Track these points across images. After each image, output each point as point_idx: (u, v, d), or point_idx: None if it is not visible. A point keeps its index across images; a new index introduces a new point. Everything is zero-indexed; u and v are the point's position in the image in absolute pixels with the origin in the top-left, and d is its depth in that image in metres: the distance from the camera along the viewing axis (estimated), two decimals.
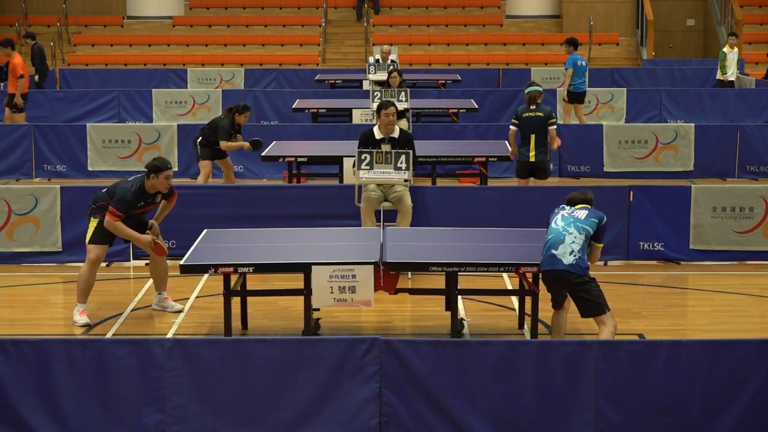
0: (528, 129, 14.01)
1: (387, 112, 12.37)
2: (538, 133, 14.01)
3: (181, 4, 32.00)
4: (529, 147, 14.01)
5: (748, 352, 7.69)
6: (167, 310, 10.88)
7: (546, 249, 9.07)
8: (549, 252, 9.02)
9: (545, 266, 9.04)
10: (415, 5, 32.19)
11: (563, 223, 9.11)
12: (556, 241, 9.03)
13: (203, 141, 14.82)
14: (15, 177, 17.82)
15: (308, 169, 15.94)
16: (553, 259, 8.98)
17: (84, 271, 10.47)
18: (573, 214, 9.16)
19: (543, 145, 14.04)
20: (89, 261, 10.43)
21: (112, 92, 22.48)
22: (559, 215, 9.23)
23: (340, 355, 7.72)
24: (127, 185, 10.35)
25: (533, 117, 14.06)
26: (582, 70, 19.71)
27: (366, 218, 12.11)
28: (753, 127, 18.19)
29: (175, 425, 7.73)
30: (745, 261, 12.97)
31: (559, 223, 9.13)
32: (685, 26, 32.09)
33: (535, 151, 13.98)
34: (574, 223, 9.07)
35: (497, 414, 7.71)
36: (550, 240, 9.08)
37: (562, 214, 9.22)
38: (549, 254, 9.01)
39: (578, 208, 9.23)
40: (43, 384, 7.71)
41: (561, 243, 9.00)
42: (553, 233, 9.09)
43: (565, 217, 9.14)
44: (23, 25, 30.42)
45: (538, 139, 14.00)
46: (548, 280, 9.10)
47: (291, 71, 26.43)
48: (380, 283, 9.28)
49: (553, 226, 9.16)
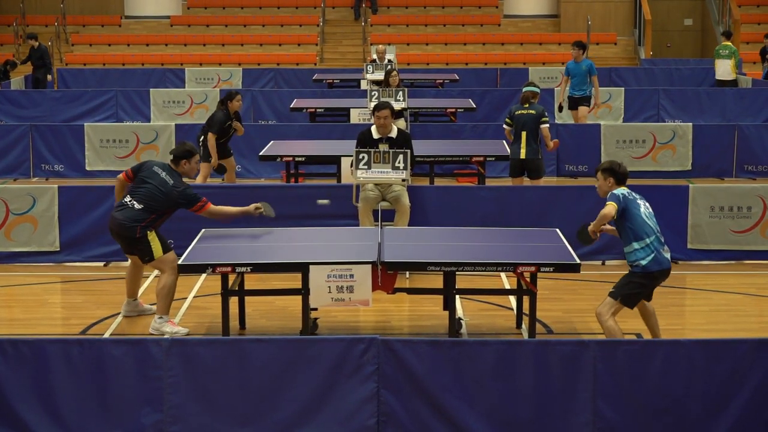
0: (519, 126, 14.08)
1: (379, 115, 12.37)
2: (529, 131, 14.06)
3: (178, 4, 31.99)
4: (520, 144, 14.07)
5: (746, 351, 7.69)
6: (146, 312, 10.64)
7: (654, 249, 8.92)
8: (660, 251, 8.95)
9: (659, 266, 8.95)
10: (412, 5, 32.19)
11: (652, 223, 9.01)
12: (660, 241, 8.98)
13: (204, 141, 14.81)
14: (13, 177, 17.82)
15: (306, 168, 15.93)
16: (663, 257, 8.97)
17: (172, 281, 10.08)
18: (648, 208, 9.08)
19: (534, 143, 14.08)
20: (173, 269, 10.01)
21: (110, 92, 22.47)
22: (641, 208, 9.03)
23: (338, 354, 7.72)
24: (177, 185, 10.10)
25: (525, 114, 14.11)
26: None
27: (364, 218, 12.11)
28: (751, 127, 18.20)
29: (173, 425, 7.72)
30: (742, 260, 12.97)
31: (650, 222, 8.99)
32: (682, 26, 32.10)
33: (526, 149, 14.02)
34: (653, 217, 9.06)
35: (495, 413, 7.71)
36: (654, 239, 8.94)
37: (644, 210, 9.04)
38: (659, 254, 8.95)
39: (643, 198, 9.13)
40: (41, 384, 7.71)
41: (662, 244, 8.99)
42: (653, 235, 8.96)
43: (649, 215, 9.03)
44: (21, 24, 30.42)
45: (529, 137, 14.06)
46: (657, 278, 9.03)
47: (289, 71, 26.43)
48: (378, 282, 9.27)
49: (649, 224, 8.97)
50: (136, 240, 10.10)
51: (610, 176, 9.15)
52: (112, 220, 10.24)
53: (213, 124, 14.73)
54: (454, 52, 29.67)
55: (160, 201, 10.11)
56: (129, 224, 10.06)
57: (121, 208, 10.16)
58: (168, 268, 10.10)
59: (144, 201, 10.10)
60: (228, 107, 14.82)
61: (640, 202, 9.06)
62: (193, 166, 10.34)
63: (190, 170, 10.34)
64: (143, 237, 10.08)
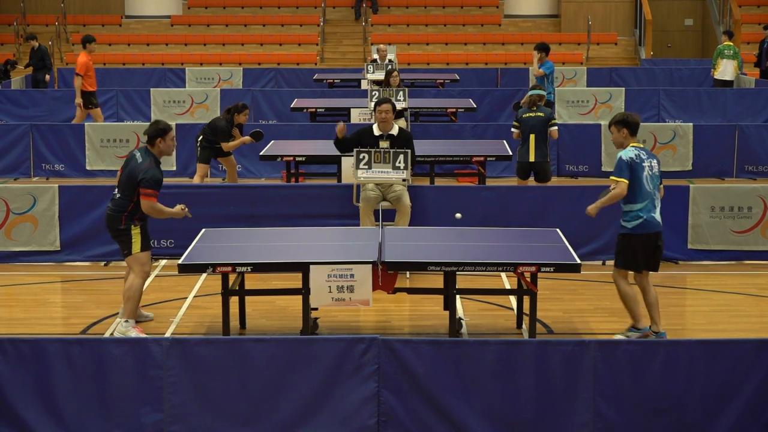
0: (528, 129, 14.06)
1: (381, 109, 12.40)
2: (538, 133, 14.05)
3: (179, 4, 32.00)
4: (528, 147, 14.05)
5: (746, 351, 7.69)
6: (142, 319, 10.45)
7: (646, 211, 9.55)
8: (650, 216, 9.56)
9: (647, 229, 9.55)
10: (413, 5, 32.19)
11: (652, 186, 9.57)
12: (653, 205, 9.58)
13: (204, 141, 14.80)
14: (13, 176, 17.82)
15: (306, 168, 15.94)
16: (653, 221, 9.58)
17: (138, 284, 9.90)
18: (653, 171, 9.60)
19: (544, 146, 14.06)
20: (143, 272, 9.92)
21: (111, 92, 22.47)
22: (645, 170, 9.57)
23: (338, 354, 7.72)
24: (144, 164, 9.83)
25: (533, 117, 14.11)
26: (552, 78, 18.80)
27: (364, 218, 12.11)
28: (751, 127, 18.20)
29: (173, 424, 7.72)
30: (743, 261, 12.97)
31: (649, 185, 9.57)
32: (683, 26, 32.10)
33: (535, 152, 14.01)
34: (656, 184, 9.67)
35: (495, 413, 7.71)
36: (647, 203, 9.56)
37: (648, 171, 9.59)
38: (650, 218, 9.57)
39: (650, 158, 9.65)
40: (41, 383, 7.71)
41: (655, 207, 9.59)
42: (648, 199, 9.56)
43: (653, 177, 9.59)
44: (21, 24, 30.42)
45: (538, 139, 14.04)
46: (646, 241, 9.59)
47: (289, 71, 26.43)
48: (378, 282, 9.27)
49: (646, 188, 9.56)
50: (119, 231, 9.91)
51: (623, 128, 9.68)
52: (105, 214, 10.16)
53: (220, 135, 14.67)
54: (454, 52, 29.67)
55: (131, 185, 9.85)
56: (114, 214, 9.90)
57: (111, 199, 10.05)
58: (138, 268, 9.90)
59: (121, 188, 9.93)
60: (233, 118, 14.78)
61: (645, 164, 9.58)
62: (169, 143, 10.01)
63: (166, 148, 10.01)
64: (127, 229, 9.88)
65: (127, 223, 9.89)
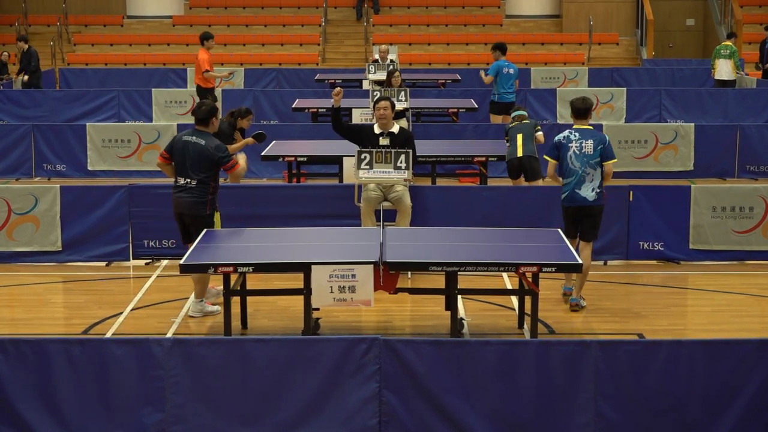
0: (515, 131, 14.43)
1: (379, 107, 12.40)
2: (525, 134, 14.36)
3: (180, 4, 32.01)
4: (516, 144, 14.28)
5: (748, 352, 7.69)
6: (211, 314, 10.68)
7: (570, 188, 10.63)
8: (573, 191, 10.63)
9: (570, 202, 10.65)
10: (414, 5, 32.20)
11: (579, 164, 10.58)
12: (579, 181, 10.60)
13: None
14: (15, 176, 17.83)
15: (308, 168, 15.94)
16: (576, 195, 10.62)
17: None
18: (583, 151, 10.56)
19: (531, 143, 14.31)
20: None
21: (112, 92, 22.48)
22: (571, 150, 10.63)
23: (339, 354, 7.72)
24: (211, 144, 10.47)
25: (519, 124, 14.55)
26: (509, 78, 18.80)
27: (366, 218, 12.11)
28: (753, 127, 18.20)
29: (174, 425, 7.73)
30: (744, 261, 12.97)
31: (575, 164, 10.60)
32: (684, 26, 32.09)
33: (523, 147, 14.25)
34: (588, 162, 10.55)
35: (497, 414, 7.71)
36: (574, 179, 10.61)
37: (576, 151, 10.61)
38: (573, 192, 10.63)
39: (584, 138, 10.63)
40: (42, 383, 7.71)
41: (583, 183, 10.58)
42: (575, 175, 10.60)
43: (579, 156, 10.57)
44: (23, 24, 30.43)
45: (525, 137, 14.34)
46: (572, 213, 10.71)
47: (291, 71, 26.44)
48: (380, 282, 9.27)
49: (571, 167, 10.63)
50: (204, 217, 10.43)
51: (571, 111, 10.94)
52: (178, 203, 10.52)
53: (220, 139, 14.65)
54: (456, 52, 29.67)
55: (205, 166, 10.41)
56: (199, 200, 10.43)
57: (180, 189, 10.49)
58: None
59: (195, 174, 10.42)
60: (236, 122, 14.75)
61: (573, 144, 10.64)
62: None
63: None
64: (211, 215, 10.48)
65: (211, 209, 10.48)
